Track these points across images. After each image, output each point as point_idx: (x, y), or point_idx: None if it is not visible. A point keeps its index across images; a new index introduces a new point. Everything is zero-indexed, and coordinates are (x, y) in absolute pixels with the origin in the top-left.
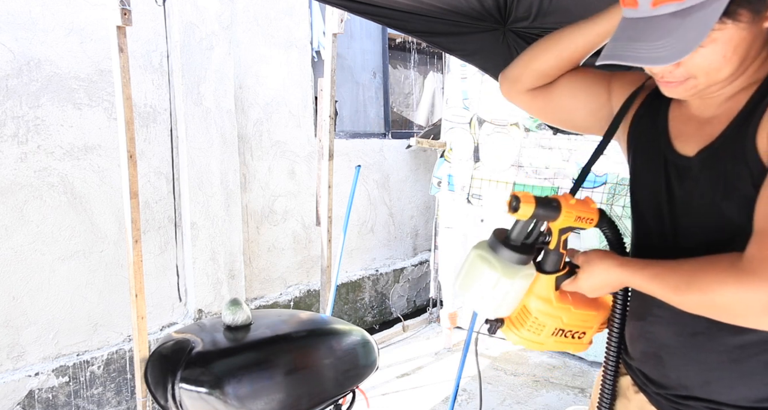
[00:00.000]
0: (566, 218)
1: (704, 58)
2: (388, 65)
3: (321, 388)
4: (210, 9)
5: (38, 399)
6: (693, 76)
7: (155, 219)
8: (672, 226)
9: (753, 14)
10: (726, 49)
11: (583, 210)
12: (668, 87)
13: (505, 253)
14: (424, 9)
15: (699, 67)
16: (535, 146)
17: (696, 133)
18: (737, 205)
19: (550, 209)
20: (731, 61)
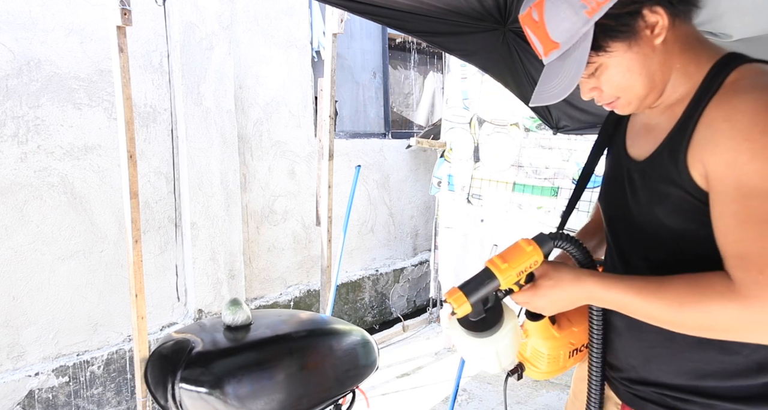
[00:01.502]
0: (507, 279)
1: (610, 82)
2: (388, 65)
3: (321, 388)
4: (210, 9)
5: (38, 399)
6: (617, 96)
7: (155, 219)
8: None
9: (624, 42)
10: (620, 71)
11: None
12: (610, 107)
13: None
14: (424, 9)
15: (614, 88)
16: (535, 146)
17: (644, 139)
18: (667, 210)
19: (485, 284)
20: (634, 78)
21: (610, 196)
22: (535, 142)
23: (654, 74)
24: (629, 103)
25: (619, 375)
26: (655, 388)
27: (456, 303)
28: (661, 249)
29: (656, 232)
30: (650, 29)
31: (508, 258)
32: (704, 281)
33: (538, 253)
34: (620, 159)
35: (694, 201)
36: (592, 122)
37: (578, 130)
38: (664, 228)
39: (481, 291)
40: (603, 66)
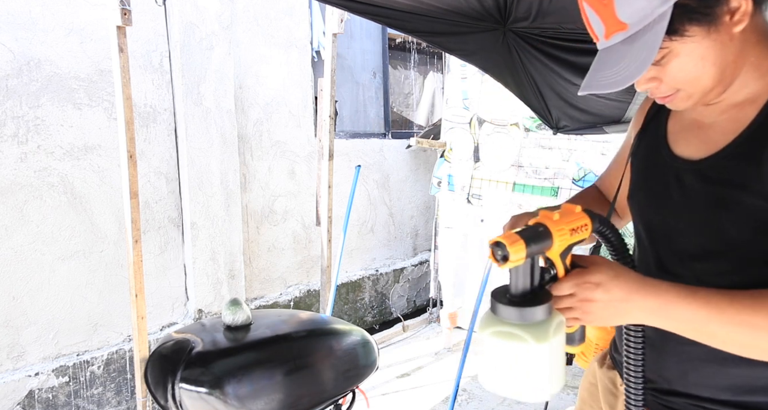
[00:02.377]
0: (561, 238)
1: (677, 71)
2: (388, 65)
3: (321, 388)
4: (210, 9)
5: (38, 399)
6: (678, 89)
7: (155, 219)
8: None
9: (704, 27)
10: (692, 59)
11: (571, 220)
12: (665, 102)
13: (519, 314)
14: (424, 9)
15: (678, 80)
16: (535, 146)
17: (697, 138)
18: (736, 217)
19: (541, 238)
20: (706, 69)
21: (650, 197)
22: (535, 142)
23: (727, 66)
24: (689, 96)
25: (649, 386)
26: (691, 400)
27: (510, 243)
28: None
29: (714, 240)
30: (731, 15)
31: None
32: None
33: (587, 218)
34: (662, 157)
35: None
36: (592, 122)
37: (578, 130)
38: (725, 237)
39: (537, 245)
40: (673, 53)
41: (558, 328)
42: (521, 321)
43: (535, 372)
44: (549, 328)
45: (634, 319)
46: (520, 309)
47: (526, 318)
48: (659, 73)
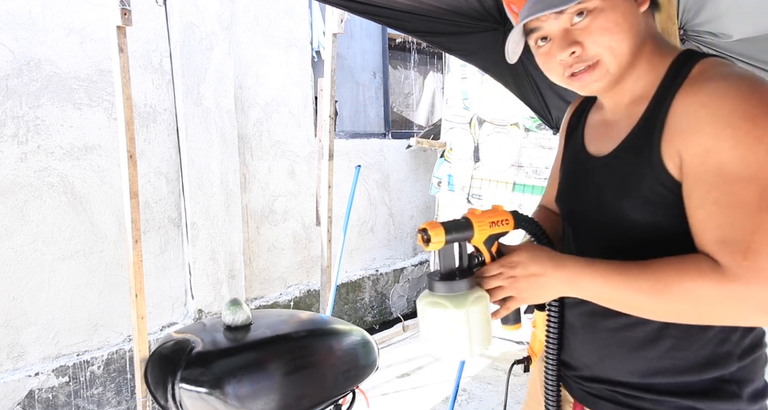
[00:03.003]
0: (481, 229)
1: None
2: (388, 65)
3: (321, 388)
4: (210, 9)
5: (38, 399)
6: (599, 56)
7: (155, 219)
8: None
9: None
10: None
11: (492, 215)
12: (581, 79)
13: (443, 287)
14: (424, 9)
15: (600, 44)
16: (535, 146)
17: (605, 135)
18: (636, 204)
19: (461, 228)
20: (625, 32)
21: (570, 193)
22: (535, 142)
23: (637, 41)
24: (607, 72)
25: (574, 373)
26: (608, 386)
27: (432, 229)
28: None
29: (620, 226)
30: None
31: (484, 212)
32: (688, 262)
33: (509, 216)
34: (579, 156)
35: (666, 192)
36: None
37: None
38: (629, 222)
39: (458, 232)
40: (598, 9)
41: (477, 300)
42: (445, 293)
43: (456, 333)
44: (467, 298)
45: (555, 292)
46: (444, 282)
47: (448, 290)
48: (582, 36)
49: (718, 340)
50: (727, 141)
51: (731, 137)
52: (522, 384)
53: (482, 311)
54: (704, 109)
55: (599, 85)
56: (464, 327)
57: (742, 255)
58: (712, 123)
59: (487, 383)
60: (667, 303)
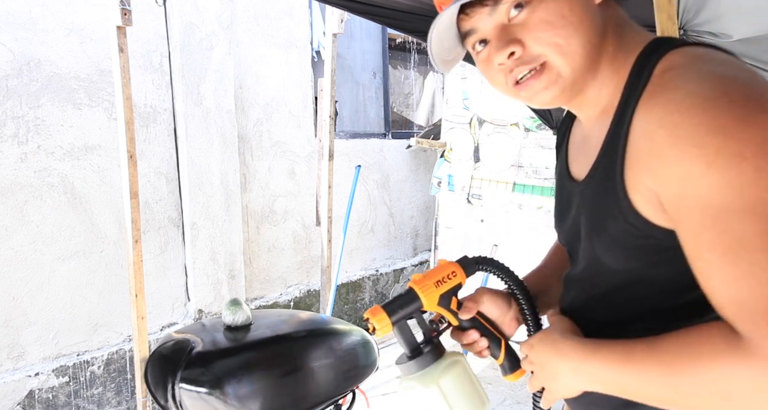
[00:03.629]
0: (427, 294)
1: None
2: (388, 65)
3: (321, 388)
4: (210, 9)
5: (38, 399)
6: (544, 55)
7: (155, 219)
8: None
9: None
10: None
11: (436, 273)
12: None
13: (408, 368)
14: (424, 9)
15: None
16: (535, 146)
17: (583, 154)
18: (606, 246)
19: (406, 303)
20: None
21: (559, 220)
22: (535, 142)
23: (592, 37)
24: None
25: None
26: None
27: (375, 319)
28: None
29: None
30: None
31: (427, 274)
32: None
33: (455, 266)
34: (563, 178)
35: (636, 233)
36: None
37: None
38: (604, 266)
39: (403, 308)
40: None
41: (448, 368)
42: (411, 373)
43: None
44: (435, 372)
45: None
46: (407, 364)
47: (414, 370)
48: (521, 33)
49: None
50: (697, 165)
51: (700, 159)
52: (522, 384)
53: (458, 377)
54: (661, 128)
55: (551, 94)
56: (441, 402)
57: (764, 320)
58: (673, 145)
59: (487, 383)
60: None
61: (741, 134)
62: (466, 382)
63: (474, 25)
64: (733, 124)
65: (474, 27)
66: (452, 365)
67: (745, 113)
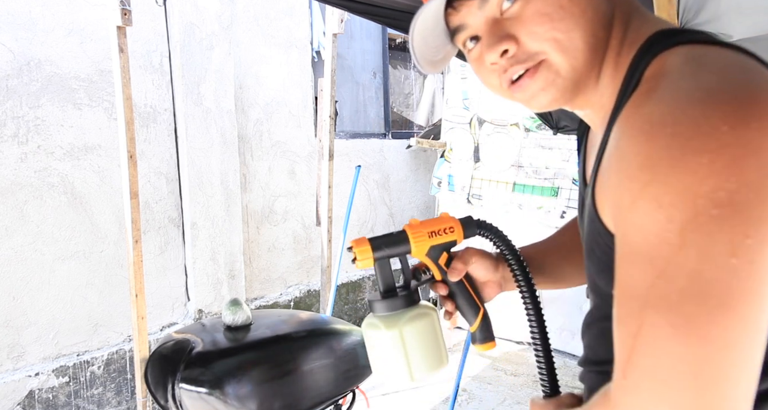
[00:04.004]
0: (418, 241)
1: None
2: (388, 65)
3: (321, 388)
4: (210, 9)
5: (38, 399)
6: (542, 52)
7: (155, 219)
8: None
9: None
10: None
11: (434, 224)
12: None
13: (379, 306)
14: None
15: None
16: (535, 146)
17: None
18: (598, 269)
19: (394, 242)
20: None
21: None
22: (535, 142)
23: (596, 30)
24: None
25: None
26: None
27: (358, 249)
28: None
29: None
30: None
31: (424, 222)
32: None
33: (455, 223)
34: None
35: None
36: None
37: None
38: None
39: (390, 247)
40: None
41: (416, 318)
42: (380, 313)
43: (392, 355)
44: (402, 317)
45: None
46: (380, 301)
47: (384, 309)
48: (515, 28)
49: None
50: (626, 198)
51: (629, 193)
52: (522, 384)
53: (423, 330)
54: (615, 150)
55: (549, 96)
56: (398, 349)
57: (621, 371)
58: (617, 170)
59: (487, 383)
60: None
61: (666, 177)
62: (430, 336)
63: (463, 20)
64: (664, 162)
65: (463, 22)
66: (421, 316)
67: (680, 151)
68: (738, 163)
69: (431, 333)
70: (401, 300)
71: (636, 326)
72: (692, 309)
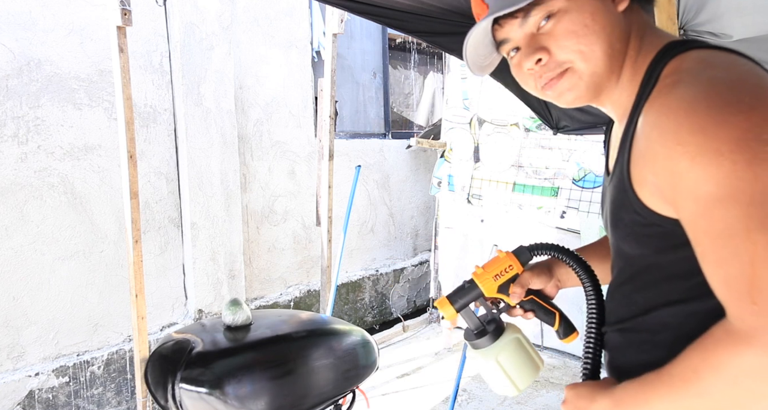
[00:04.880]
0: (487, 286)
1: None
2: (388, 65)
3: (321, 388)
4: (210, 9)
5: (38, 399)
6: (569, 61)
7: (155, 219)
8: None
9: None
10: (582, 17)
11: (494, 266)
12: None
13: (472, 345)
14: (424, 9)
15: (568, 48)
16: (535, 146)
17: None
18: (623, 235)
19: (468, 293)
20: (596, 33)
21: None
22: (535, 142)
23: (614, 43)
24: (579, 78)
25: None
26: None
27: (442, 308)
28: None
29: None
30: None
31: (485, 266)
32: (703, 338)
33: (511, 259)
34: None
35: (644, 221)
36: (592, 122)
37: (578, 130)
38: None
39: (465, 297)
40: (562, 10)
41: (505, 346)
42: (475, 350)
43: (497, 377)
44: (494, 349)
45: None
46: (472, 341)
47: (476, 347)
48: (548, 41)
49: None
50: (682, 161)
51: (685, 156)
52: None
53: (514, 353)
54: (655, 129)
55: (574, 94)
56: (500, 373)
57: (748, 297)
58: (663, 144)
59: (487, 383)
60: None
61: (718, 133)
62: (521, 354)
63: (506, 34)
64: (710, 124)
65: (507, 37)
66: (507, 343)
67: (721, 115)
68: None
69: (521, 351)
70: (490, 334)
71: (748, 255)
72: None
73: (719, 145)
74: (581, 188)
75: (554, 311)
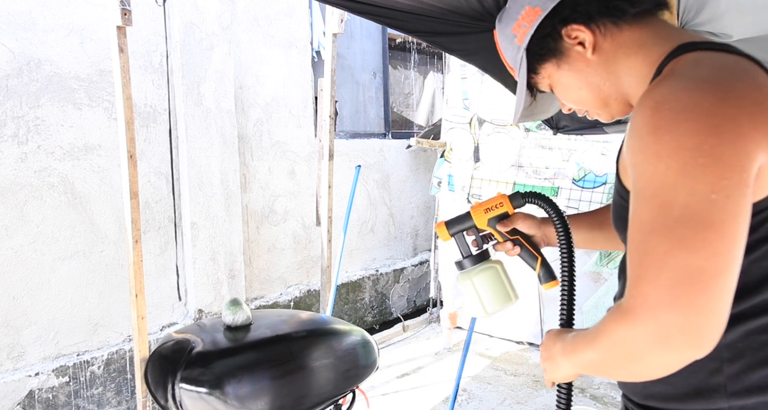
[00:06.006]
0: (477, 217)
1: (564, 97)
2: (388, 65)
3: (321, 388)
4: (210, 9)
5: (38, 399)
6: (582, 106)
7: (155, 219)
8: None
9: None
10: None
11: (488, 202)
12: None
13: (458, 266)
14: (424, 9)
15: (571, 102)
16: (535, 146)
17: None
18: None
19: (461, 220)
20: (578, 92)
21: None
22: (535, 142)
23: (599, 85)
24: (596, 114)
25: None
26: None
27: (439, 231)
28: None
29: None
30: (581, 45)
31: (481, 202)
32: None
33: (503, 198)
34: None
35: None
36: (592, 122)
37: (578, 130)
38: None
39: (459, 225)
40: (553, 85)
41: (482, 271)
42: (459, 270)
43: (470, 297)
44: (472, 272)
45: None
46: (458, 263)
47: (460, 268)
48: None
49: (709, 370)
50: (637, 156)
51: (639, 152)
52: (522, 384)
53: (489, 279)
54: (632, 122)
55: (605, 119)
56: (473, 293)
57: (633, 284)
58: (631, 137)
59: (487, 383)
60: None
61: (665, 136)
62: (495, 282)
63: None
64: (663, 126)
65: None
66: (485, 269)
67: (675, 118)
68: (717, 126)
69: (496, 279)
70: (473, 259)
71: (644, 249)
72: (684, 231)
73: (661, 148)
74: (581, 188)
75: (537, 256)
